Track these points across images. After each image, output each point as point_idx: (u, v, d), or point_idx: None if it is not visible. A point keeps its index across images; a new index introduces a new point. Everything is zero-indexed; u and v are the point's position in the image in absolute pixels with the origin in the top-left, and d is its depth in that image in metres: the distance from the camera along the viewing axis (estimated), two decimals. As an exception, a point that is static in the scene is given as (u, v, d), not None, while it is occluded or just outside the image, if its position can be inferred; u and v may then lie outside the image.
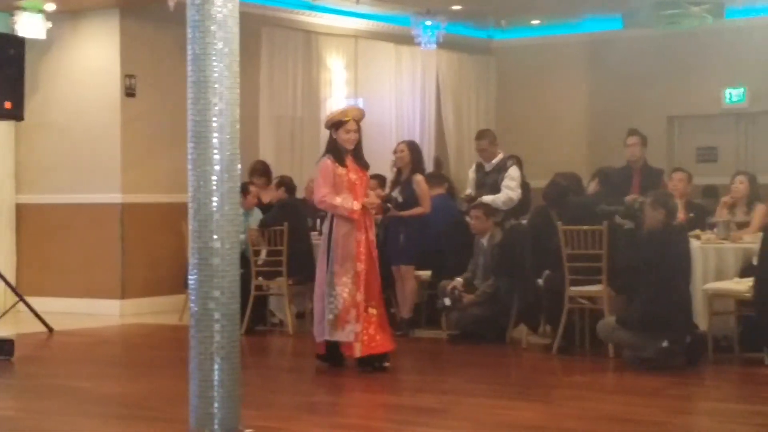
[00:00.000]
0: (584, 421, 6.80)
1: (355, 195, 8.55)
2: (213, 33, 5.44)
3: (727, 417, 6.88)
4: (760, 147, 15.34)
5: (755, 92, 15.10)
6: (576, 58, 16.23)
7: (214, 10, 5.44)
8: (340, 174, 8.60)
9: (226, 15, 5.47)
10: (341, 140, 8.69)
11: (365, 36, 15.10)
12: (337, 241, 8.53)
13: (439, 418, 6.88)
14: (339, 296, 8.49)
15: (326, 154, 8.74)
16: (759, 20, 14.87)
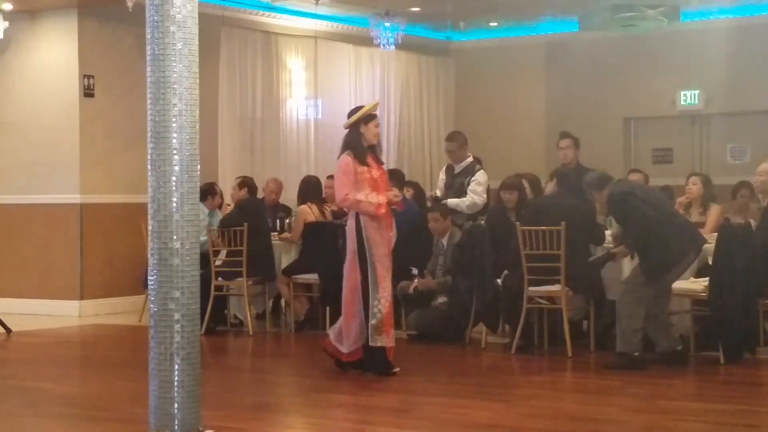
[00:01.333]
0: (543, 420, 6.85)
1: (377, 192, 8.21)
2: (172, 34, 5.45)
3: (684, 415, 6.96)
4: (715, 148, 15.51)
5: (710, 94, 15.27)
6: (533, 59, 16.33)
7: (174, 11, 5.45)
8: (362, 171, 8.23)
9: (186, 16, 5.48)
10: (370, 135, 8.30)
11: (325, 37, 15.11)
12: (374, 241, 8.16)
13: (399, 417, 6.91)
14: (385, 299, 8.17)
15: (345, 151, 8.33)
16: (714, 23, 15.03)
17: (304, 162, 14.59)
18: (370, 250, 8.14)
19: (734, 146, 15.41)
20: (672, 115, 15.67)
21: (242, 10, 14.13)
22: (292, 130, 14.65)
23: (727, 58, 14.83)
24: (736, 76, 14.92)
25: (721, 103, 15.29)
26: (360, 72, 15.49)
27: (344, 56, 15.28)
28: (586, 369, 8.71)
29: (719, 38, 14.84)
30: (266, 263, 11.03)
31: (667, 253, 8.36)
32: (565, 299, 9.10)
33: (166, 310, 5.48)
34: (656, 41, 15.23)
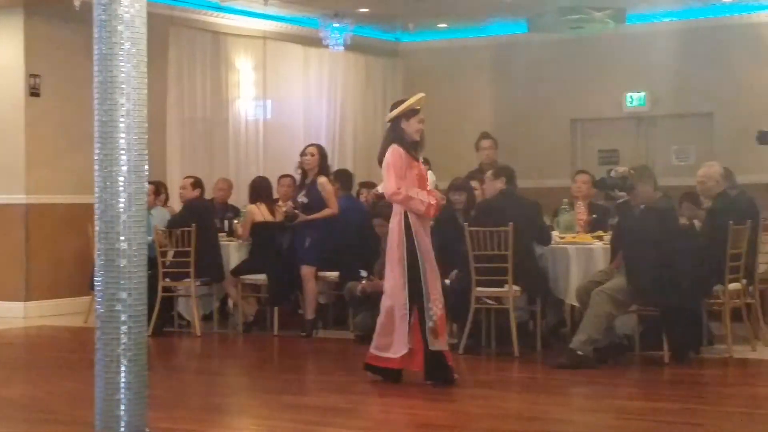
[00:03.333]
0: (490, 419, 6.89)
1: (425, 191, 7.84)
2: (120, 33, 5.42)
3: (629, 414, 7.02)
4: (660, 150, 15.67)
5: (655, 96, 15.42)
6: (482, 61, 16.41)
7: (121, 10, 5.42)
8: (412, 166, 7.78)
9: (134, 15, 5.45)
10: (412, 130, 7.80)
11: (273, 37, 15.09)
12: (424, 242, 7.75)
13: (346, 418, 6.92)
14: (440, 301, 7.77)
15: (391, 144, 7.79)
16: (659, 25, 15.19)
17: (253, 162, 14.56)
18: (421, 251, 7.71)
19: (679, 148, 15.58)
20: (618, 116, 15.81)
21: (191, 10, 14.07)
22: (241, 131, 14.62)
23: (672, 61, 14.99)
24: (682, 78, 15.08)
25: (666, 105, 15.46)
26: (309, 73, 15.48)
27: (293, 57, 15.27)
28: (533, 368, 8.77)
29: (665, 41, 15.01)
30: (214, 264, 11.00)
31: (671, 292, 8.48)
32: (512, 299, 9.15)
33: (113, 311, 5.45)
34: (603, 43, 15.36)
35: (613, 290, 8.53)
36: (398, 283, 7.71)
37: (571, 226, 10.13)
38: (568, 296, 9.36)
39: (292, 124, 15.16)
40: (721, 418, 6.84)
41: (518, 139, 15.47)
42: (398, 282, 7.71)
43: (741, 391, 7.90)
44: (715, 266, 8.81)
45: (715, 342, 9.26)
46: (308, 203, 10.53)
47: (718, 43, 14.97)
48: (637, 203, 8.73)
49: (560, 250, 9.46)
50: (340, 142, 15.86)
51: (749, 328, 9.36)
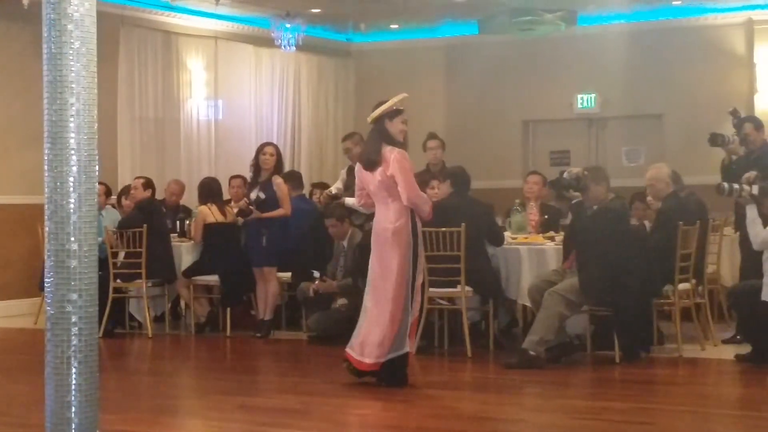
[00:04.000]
0: (443, 420, 6.90)
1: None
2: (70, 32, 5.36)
3: (581, 413, 7.06)
4: (610, 151, 15.79)
5: (606, 98, 15.54)
6: (433, 62, 16.44)
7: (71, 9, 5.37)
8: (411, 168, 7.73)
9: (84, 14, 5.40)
10: (396, 131, 7.75)
11: (225, 37, 15.04)
12: (419, 245, 7.72)
13: (300, 419, 6.91)
14: (418, 303, 7.82)
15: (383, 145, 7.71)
16: (610, 27, 15.30)
17: (205, 163, 14.50)
18: (417, 253, 7.68)
19: (629, 149, 15.71)
20: (569, 118, 15.91)
21: (141, 9, 13.98)
22: (193, 131, 14.56)
23: (623, 63, 15.11)
24: (632, 80, 15.20)
25: (616, 107, 15.57)
26: (260, 73, 15.44)
27: (245, 57, 15.23)
28: (486, 369, 8.80)
29: (616, 43, 15.12)
30: (166, 265, 10.94)
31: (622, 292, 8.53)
32: (464, 300, 9.17)
33: (63, 312, 5.40)
34: (554, 45, 15.45)
35: (565, 291, 8.58)
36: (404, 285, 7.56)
37: (523, 226, 10.18)
38: (520, 296, 9.40)
39: (244, 125, 15.12)
40: (671, 416, 6.90)
41: (470, 140, 15.52)
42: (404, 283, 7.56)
43: (690, 390, 7.97)
44: (665, 267, 8.88)
45: (665, 342, 9.35)
46: (264, 200, 10.49)
47: (668, 46, 15.11)
48: (590, 204, 8.79)
49: (512, 250, 9.50)
50: (292, 142, 15.83)
51: (699, 328, 9.44)
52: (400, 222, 7.60)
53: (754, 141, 9.81)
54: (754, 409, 7.38)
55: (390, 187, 7.60)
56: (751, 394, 7.92)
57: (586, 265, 8.62)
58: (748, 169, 9.02)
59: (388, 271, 7.59)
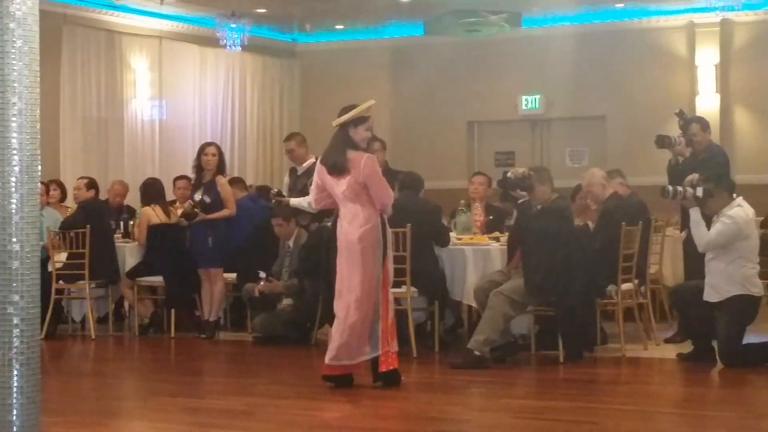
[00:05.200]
0: (389, 420, 6.91)
1: None
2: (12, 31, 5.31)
3: (525, 413, 7.10)
4: (554, 152, 15.92)
5: (550, 99, 15.66)
6: (379, 63, 16.47)
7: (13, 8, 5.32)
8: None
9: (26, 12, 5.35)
10: (359, 138, 7.69)
11: (169, 37, 14.96)
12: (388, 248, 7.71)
13: (245, 420, 6.88)
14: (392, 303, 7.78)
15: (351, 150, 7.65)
16: (554, 29, 15.42)
17: (148, 163, 14.42)
18: (386, 255, 7.67)
19: (573, 150, 15.84)
20: (514, 119, 16.01)
21: (84, 8, 13.88)
22: (137, 131, 14.47)
23: (567, 65, 15.24)
24: (576, 81, 15.33)
25: (560, 108, 15.70)
26: (205, 73, 15.39)
27: (189, 57, 15.16)
28: (431, 369, 8.82)
29: (560, 45, 15.24)
30: (109, 265, 10.86)
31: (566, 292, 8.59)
32: (410, 300, 9.19)
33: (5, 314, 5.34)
34: (499, 47, 15.54)
35: (510, 291, 8.62)
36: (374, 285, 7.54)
37: (468, 227, 10.21)
38: (465, 297, 9.43)
39: (189, 125, 15.06)
40: (614, 415, 6.96)
41: (416, 140, 15.58)
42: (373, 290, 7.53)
43: (633, 389, 8.04)
44: (608, 267, 8.96)
45: (608, 341, 9.42)
46: (210, 203, 10.45)
47: (612, 48, 15.25)
48: (536, 203, 8.84)
49: (457, 251, 9.53)
50: (238, 142, 15.78)
51: (641, 328, 9.53)
52: (369, 225, 7.58)
53: (700, 142, 9.90)
54: (696, 408, 7.46)
55: (360, 192, 7.60)
56: (692, 393, 8.01)
57: (530, 265, 8.67)
58: (694, 171, 9.12)
59: (356, 274, 7.56)
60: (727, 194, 8.57)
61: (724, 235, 8.39)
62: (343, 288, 7.63)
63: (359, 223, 7.58)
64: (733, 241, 8.41)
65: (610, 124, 15.41)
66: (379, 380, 7.64)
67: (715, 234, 8.42)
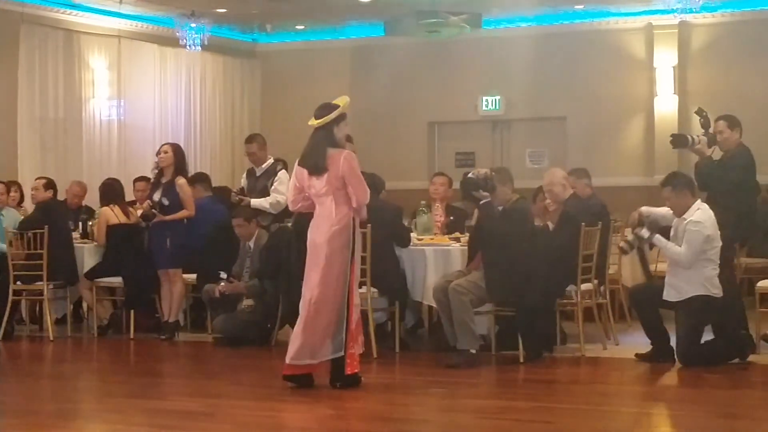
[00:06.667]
0: (350, 421, 6.91)
1: None
2: (-31, 30, 5.28)
3: (484, 413, 7.12)
4: (515, 153, 15.97)
5: (510, 100, 15.71)
6: (340, 63, 16.46)
7: (-29, 7, 5.28)
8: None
9: (-16, 12, 5.32)
10: (342, 135, 7.70)
11: (129, 36, 14.88)
12: (359, 247, 7.74)
13: (204, 421, 6.86)
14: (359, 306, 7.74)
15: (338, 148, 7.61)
16: (514, 30, 15.48)
17: (107, 163, 14.33)
18: (356, 255, 7.63)
19: (533, 151, 15.90)
20: (474, 119, 16.05)
21: (43, 7, 13.78)
22: (95, 131, 14.38)
23: (527, 65, 15.29)
24: (536, 82, 15.39)
25: (521, 109, 15.76)
26: (165, 73, 15.32)
27: (149, 56, 15.09)
28: (392, 369, 8.83)
29: (520, 46, 15.29)
30: (67, 266, 10.78)
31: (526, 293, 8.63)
32: (370, 301, 9.19)
33: (-38, 315, 5.31)
34: (459, 48, 15.57)
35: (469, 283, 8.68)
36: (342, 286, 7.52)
37: (429, 227, 10.23)
38: (426, 297, 9.44)
39: (148, 125, 14.99)
40: (573, 415, 7.00)
41: (377, 141, 15.57)
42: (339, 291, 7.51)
43: (592, 389, 8.08)
44: (568, 267, 9.00)
45: (568, 341, 9.46)
46: (169, 205, 10.41)
47: (571, 49, 15.33)
48: (496, 204, 8.87)
49: (418, 251, 9.54)
50: (199, 142, 15.73)
51: (600, 328, 9.59)
52: (342, 225, 7.54)
53: (727, 140, 9.16)
54: (655, 407, 7.53)
55: (337, 189, 7.57)
56: (651, 392, 8.06)
57: (491, 266, 8.70)
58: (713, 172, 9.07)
59: (324, 272, 7.53)
60: (689, 193, 8.63)
61: (697, 245, 8.42)
62: (307, 287, 7.62)
63: (331, 223, 7.55)
64: (706, 248, 8.46)
65: (570, 125, 15.49)
66: (339, 381, 7.63)
67: (687, 248, 8.43)
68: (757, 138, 9.38)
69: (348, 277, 7.56)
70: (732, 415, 7.07)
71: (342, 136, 7.73)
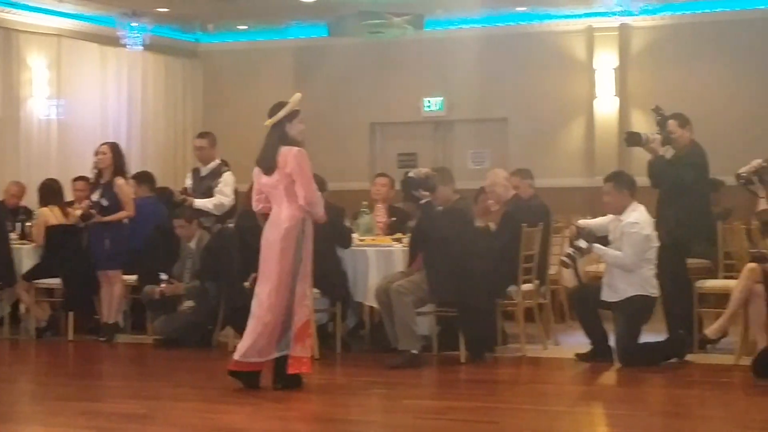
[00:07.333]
0: (291, 422, 6.90)
1: None
2: None
3: (427, 413, 7.13)
4: (457, 154, 16.02)
5: (452, 101, 15.75)
6: (282, 64, 16.41)
7: None
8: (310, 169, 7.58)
9: None
10: (296, 132, 7.66)
11: (69, 35, 14.73)
12: (308, 246, 7.57)
13: (144, 423, 6.81)
14: (308, 307, 7.70)
15: (282, 145, 7.57)
16: (456, 32, 15.52)
17: (45, 163, 14.17)
18: (305, 255, 7.55)
19: (475, 152, 15.96)
20: (416, 120, 16.07)
21: (-20, 5, 13.62)
22: (33, 130, 14.22)
23: (469, 67, 15.32)
24: (478, 84, 15.43)
25: (463, 110, 15.80)
26: (106, 72, 15.18)
27: (89, 56, 14.95)
28: (333, 371, 8.82)
29: (462, 47, 15.33)
30: (5, 267, 10.66)
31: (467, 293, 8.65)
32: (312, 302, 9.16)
33: None
34: (402, 49, 15.59)
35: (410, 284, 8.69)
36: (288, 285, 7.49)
37: (371, 228, 10.24)
38: (368, 298, 9.44)
39: (88, 125, 14.84)
40: (515, 415, 7.03)
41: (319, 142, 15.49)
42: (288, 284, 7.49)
43: (533, 388, 8.13)
44: (509, 268, 9.04)
45: (509, 341, 9.51)
46: (108, 206, 10.33)
47: (513, 51, 15.40)
48: (438, 204, 8.89)
49: (360, 252, 9.54)
50: (139, 142, 15.60)
51: (541, 328, 9.65)
52: (291, 223, 7.51)
53: (679, 139, 9.31)
54: (595, 406, 7.60)
55: (287, 186, 7.54)
56: (591, 392, 8.12)
57: (432, 266, 8.72)
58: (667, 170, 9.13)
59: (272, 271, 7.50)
60: (628, 193, 8.70)
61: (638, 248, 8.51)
62: (260, 285, 7.59)
63: (282, 221, 7.54)
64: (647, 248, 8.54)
65: (512, 126, 15.56)
66: (280, 382, 7.60)
67: (630, 252, 8.51)
68: (697, 138, 9.47)
69: (296, 276, 7.51)
70: (670, 414, 7.15)
71: (296, 133, 7.71)
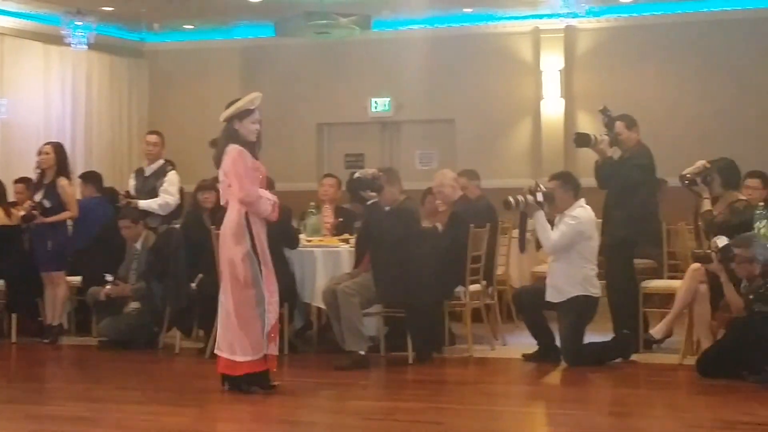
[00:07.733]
0: (235, 424, 6.87)
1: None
2: None
3: (374, 415, 7.14)
4: (404, 154, 16.03)
5: (399, 102, 15.76)
6: (229, 63, 16.33)
7: None
8: (255, 166, 7.55)
9: None
10: (247, 131, 7.58)
11: (11, 34, 14.55)
12: (262, 244, 7.50)
13: (89, 426, 6.75)
14: (276, 305, 7.58)
15: (227, 144, 7.56)
16: (403, 33, 15.52)
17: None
18: (262, 254, 7.49)
19: (423, 152, 15.98)
20: (364, 121, 16.06)
21: None
22: (-25, 131, 14.05)
23: (416, 68, 15.33)
24: (425, 85, 15.45)
25: (410, 111, 15.81)
26: (50, 71, 15.01)
27: (33, 55, 14.77)
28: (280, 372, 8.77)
29: (410, 48, 15.34)
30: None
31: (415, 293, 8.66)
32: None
33: None
34: (349, 49, 15.57)
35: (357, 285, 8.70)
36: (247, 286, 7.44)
37: (318, 229, 10.24)
38: (315, 299, 9.42)
39: (32, 124, 14.67)
40: (462, 415, 7.05)
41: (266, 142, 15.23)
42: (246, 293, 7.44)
43: (480, 389, 8.15)
44: (456, 268, 9.06)
45: (456, 342, 9.54)
46: (51, 207, 10.23)
47: (460, 52, 15.43)
48: (384, 204, 8.90)
49: (307, 253, 9.52)
50: (84, 142, 15.45)
51: (488, 329, 9.68)
52: (236, 221, 7.47)
53: (626, 140, 9.37)
54: (541, 406, 7.64)
55: (229, 185, 7.52)
56: (537, 392, 8.16)
57: (379, 266, 8.72)
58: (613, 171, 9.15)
59: (227, 272, 7.49)
60: (573, 194, 8.76)
61: (568, 236, 8.59)
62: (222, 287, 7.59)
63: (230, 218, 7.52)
64: (577, 242, 8.60)
65: (459, 127, 15.59)
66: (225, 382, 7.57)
67: (559, 235, 8.60)
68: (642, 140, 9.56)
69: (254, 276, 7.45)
70: (616, 413, 7.21)
71: (247, 131, 7.64)
